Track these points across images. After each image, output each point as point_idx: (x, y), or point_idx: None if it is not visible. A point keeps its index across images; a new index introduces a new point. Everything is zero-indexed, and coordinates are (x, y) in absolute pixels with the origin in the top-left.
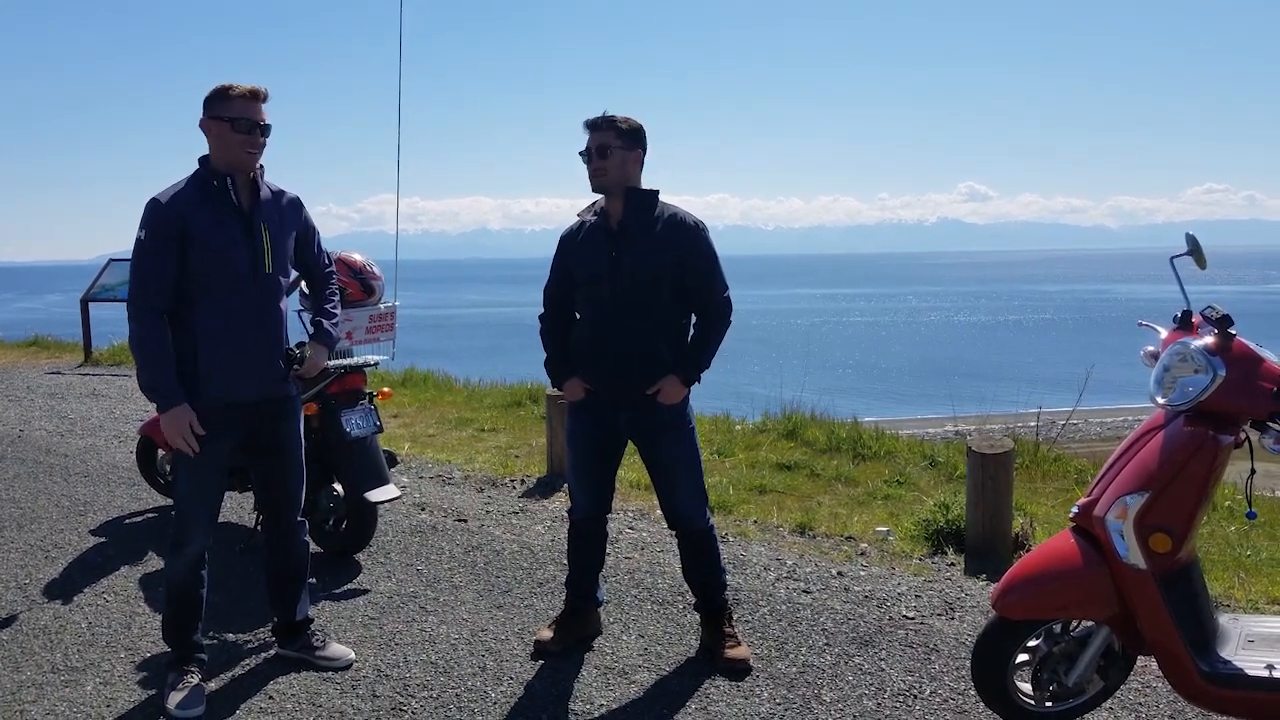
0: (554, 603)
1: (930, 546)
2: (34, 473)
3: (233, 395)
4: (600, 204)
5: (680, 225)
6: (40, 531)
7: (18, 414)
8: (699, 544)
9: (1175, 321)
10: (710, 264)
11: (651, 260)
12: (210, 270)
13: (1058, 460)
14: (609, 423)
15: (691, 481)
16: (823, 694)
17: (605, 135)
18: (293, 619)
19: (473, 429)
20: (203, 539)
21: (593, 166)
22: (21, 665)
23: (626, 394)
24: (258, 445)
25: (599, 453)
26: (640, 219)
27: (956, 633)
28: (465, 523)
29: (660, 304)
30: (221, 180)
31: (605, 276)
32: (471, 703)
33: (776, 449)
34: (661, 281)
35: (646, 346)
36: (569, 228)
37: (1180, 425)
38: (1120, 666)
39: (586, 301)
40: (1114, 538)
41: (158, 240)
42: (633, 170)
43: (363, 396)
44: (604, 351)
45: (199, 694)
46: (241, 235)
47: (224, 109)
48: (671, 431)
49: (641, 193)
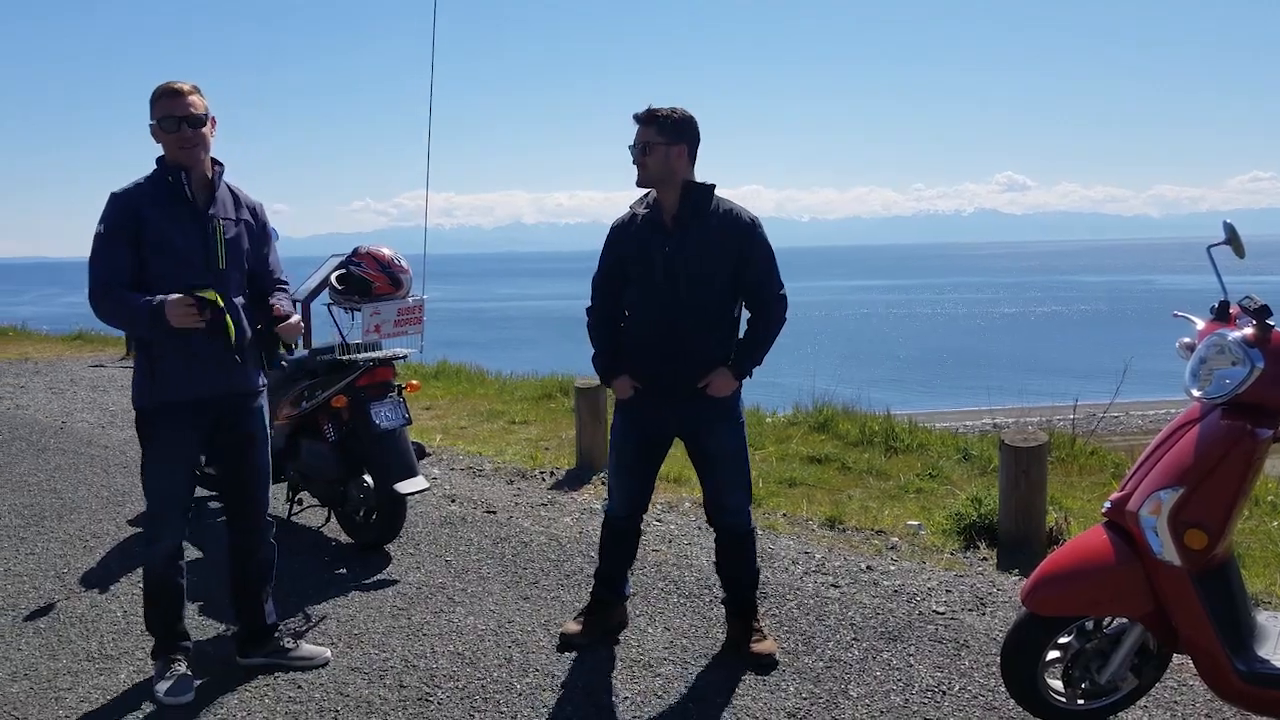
0: (581, 595)
1: (962, 541)
2: (75, 464)
3: (190, 394)
4: (653, 195)
5: (735, 221)
6: (80, 521)
7: (60, 406)
8: (739, 541)
9: (1212, 312)
10: (766, 260)
11: (705, 256)
12: (163, 265)
13: (1095, 454)
14: (658, 423)
15: (738, 477)
16: (850, 689)
17: (647, 131)
18: (260, 624)
19: (503, 421)
20: (175, 533)
21: (638, 162)
22: (58, 653)
23: (676, 389)
24: (221, 444)
25: (644, 454)
26: (694, 214)
27: (987, 628)
28: (494, 514)
29: (712, 300)
30: (175, 176)
31: (657, 271)
32: (497, 694)
33: (807, 442)
34: (714, 277)
35: (698, 342)
36: (620, 218)
37: (1217, 418)
38: (1155, 664)
39: (637, 295)
40: (1148, 534)
41: (113, 232)
42: (677, 165)
43: (392, 389)
44: (654, 346)
45: (187, 681)
46: (193, 230)
47: (153, 112)
48: (721, 424)
49: (697, 187)
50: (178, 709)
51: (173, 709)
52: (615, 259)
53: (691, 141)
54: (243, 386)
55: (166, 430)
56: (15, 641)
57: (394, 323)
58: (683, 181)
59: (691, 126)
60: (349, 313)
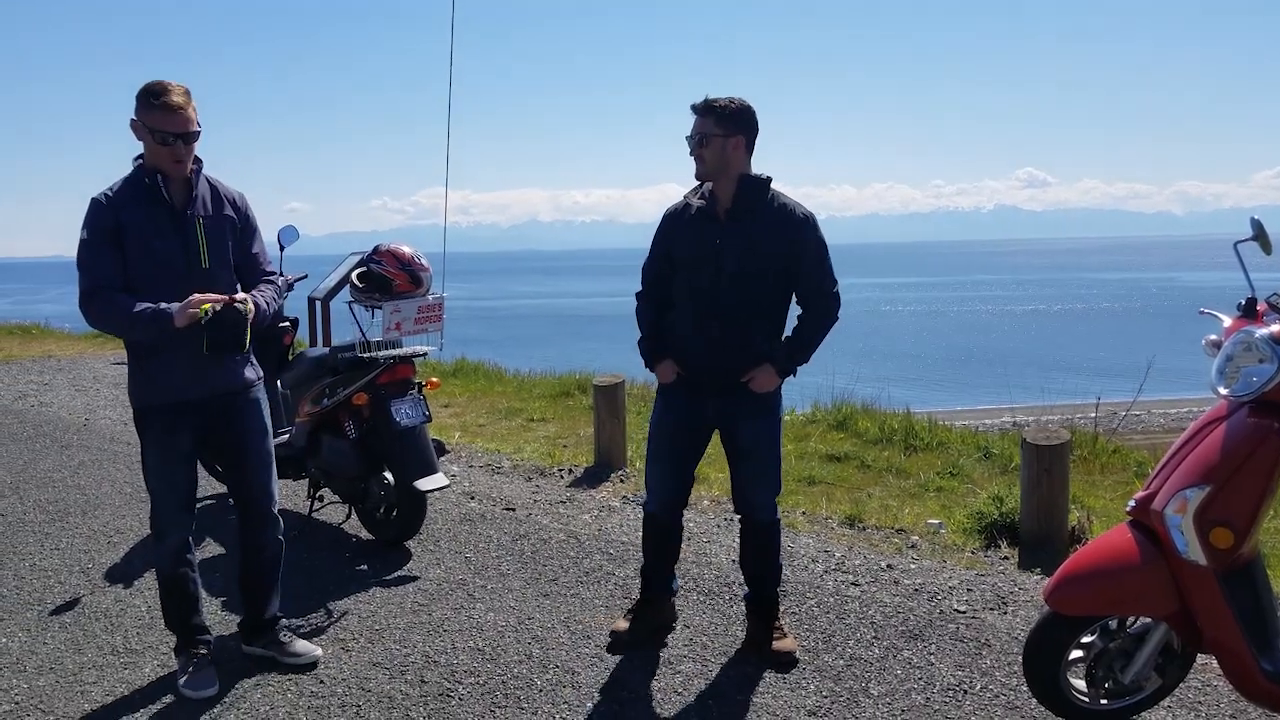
0: (600, 591)
1: (983, 540)
2: (98, 460)
3: (178, 395)
4: (709, 186)
5: (789, 217)
6: (103, 517)
7: (84, 403)
8: (764, 535)
9: (1239, 309)
10: (819, 257)
11: (757, 251)
12: (145, 267)
13: (1117, 452)
14: (698, 410)
15: (769, 471)
16: (870, 688)
17: (704, 122)
18: (262, 616)
19: (522, 419)
20: (179, 530)
21: (695, 154)
22: (84, 647)
23: (718, 381)
24: (219, 442)
25: (684, 441)
26: (749, 208)
27: (1009, 627)
28: (513, 511)
29: (762, 295)
30: (153, 178)
31: (708, 263)
32: (518, 690)
33: (826, 440)
34: (765, 273)
35: (743, 336)
36: (674, 206)
37: (1243, 416)
38: (1179, 664)
39: (686, 286)
40: (1173, 533)
41: (96, 237)
42: (734, 156)
43: (412, 386)
44: (700, 338)
45: (210, 675)
46: (173, 231)
47: (147, 115)
48: (758, 419)
49: (753, 180)
50: (202, 702)
51: (197, 702)
52: (665, 248)
53: (749, 133)
54: (230, 384)
55: (159, 430)
56: (41, 635)
57: (414, 320)
58: (739, 174)
59: (750, 117)
60: (369, 310)
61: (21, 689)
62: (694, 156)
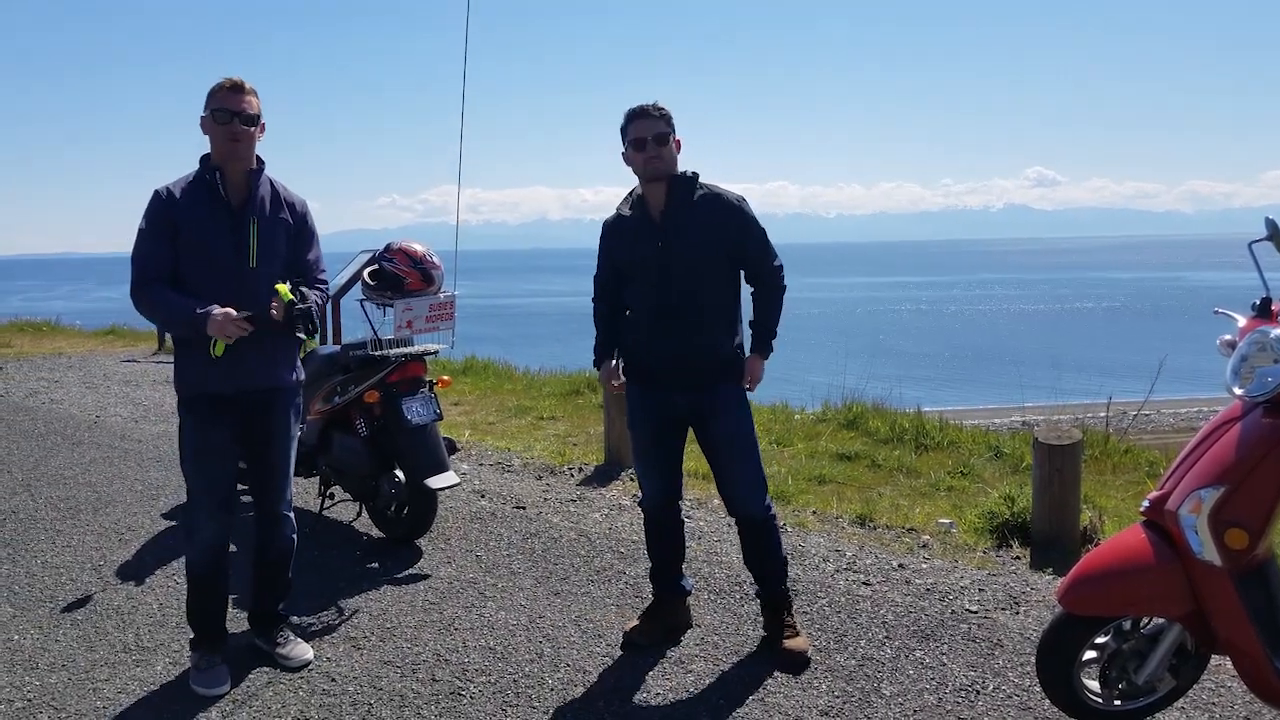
0: (611, 590)
1: (995, 539)
2: (109, 457)
3: (219, 387)
4: (636, 193)
5: (724, 206)
6: (115, 515)
7: (94, 400)
8: (757, 530)
9: (1254, 309)
10: (760, 237)
11: (701, 248)
12: (196, 262)
13: (1128, 452)
14: (668, 404)
15: (749, 464)
16: (882, 688)
17: (656, 123)
18: (266, 610)
19: (532, 417)
20: (212, 527)
21: (648, 155)
22: (95, 644)
23: (685, 381)
24: (249, 436)
25: (662, 435)
26: (685, 206)
27: (1021, 627)
28: (524, 510)
29: (714, 288)
30: (213, 175)
31: (655, 270)
32: (529, 689)
33: (837, 439)
34: (711, 265)
35: (703, 338)
36: (610, 219)
37: (1258, 417)
38: (1193, 665)
39: (637, 295)
40: (1187, 533)
41: (153, 229)
42: (677, 156)
43: (423, 384)
44: (659, 344)
45: (223, 673)
46: (227, 229)
47: (209, 103)
48: (729, 413)
49: (685, 180)
50: (213, 699)
51: (209, 700)
52: (609, 259)
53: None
54: (270, 382)
55: (199, 421)
56: (53, 633)
57: (425, 318)
58: (670, 177)
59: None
60: (381, 308)
61: (33, 686)
62: (651, 156)
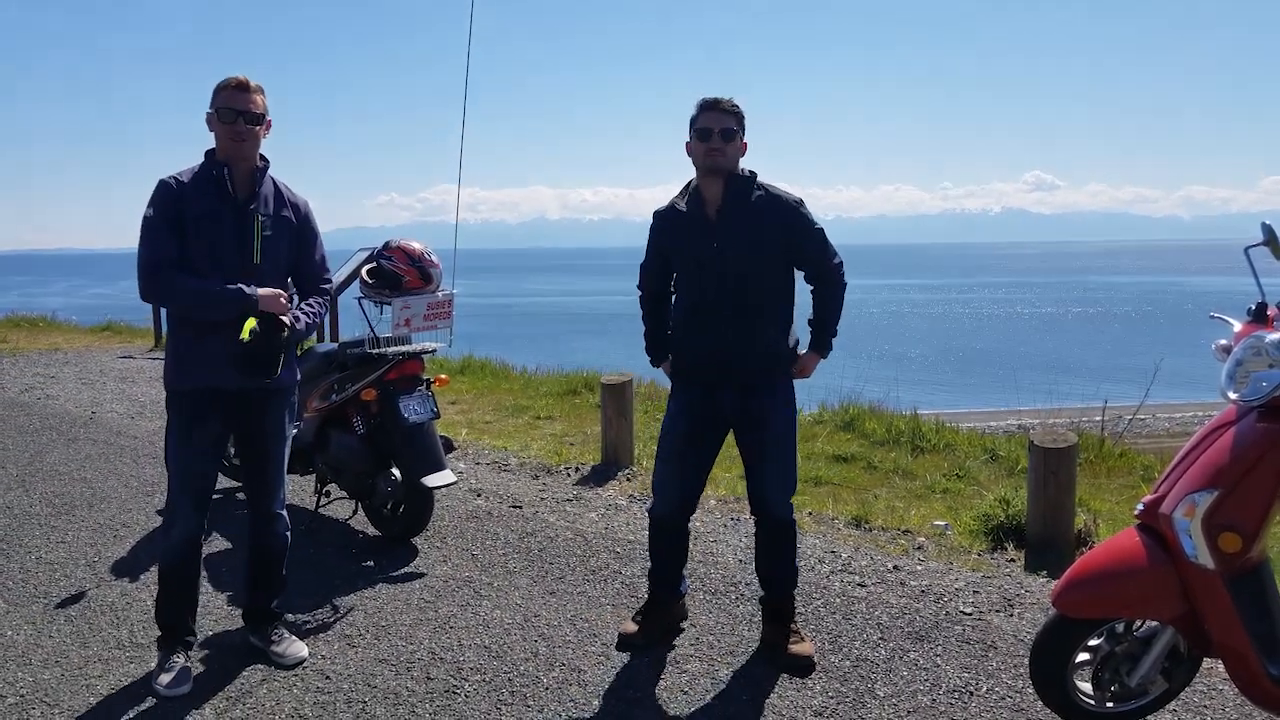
0: (606, 589)
1: (990, 542)
2: (105, 453)
3: (214, 381)
4: (693, 185)
5: (781, 206)
6: (110, 511)
7: (90, 396)
8: (779, 534)
9: (1249, 314)
10: (819, 237)
11: (756, 248)
12: (199, 257)
13: (1123, 456)
14: (715, 410)
15: (785, 466)
16: (876, 689)
17: (726, 118)
18: (260, 606)
19: (528, 416)
20: (189, 522)
21: (710, 146)
22: (89, 641)
23: (734, 381)
24: (243, 433)
25: (693, 441)
26: (742, 205)
27: (1015, 630)
28: (520, 509)
29: (766, 289)
30: (219, 170)
31: (707, 267)
32: (524, 687)
33: (833, 441)
34: (765, 266)
35: (754, 335)
36: (663, 208)
37: (1253, 421)
38: (1185, 668)
39: (688, 290)
40: (1181, 536)
41: (158, 217)
42: (741, 156)
43: (420, 383)
44: (707, 339)
45: (186, 674)
46: (232, 225)
47: (214, 100)
48: (778, 414)
49: (743, 179)
50: (208, 696)
51: (201, 697)
52: (661, 248)
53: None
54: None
55: (186, 414)
56: (47, 629)
57: (423, 317)
58: (728, 174)
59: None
60: (379, 306)
61: (26, 682)
62: (712, 149)
